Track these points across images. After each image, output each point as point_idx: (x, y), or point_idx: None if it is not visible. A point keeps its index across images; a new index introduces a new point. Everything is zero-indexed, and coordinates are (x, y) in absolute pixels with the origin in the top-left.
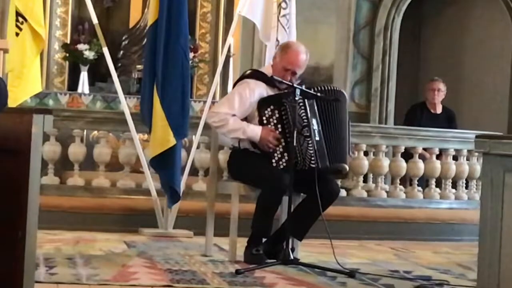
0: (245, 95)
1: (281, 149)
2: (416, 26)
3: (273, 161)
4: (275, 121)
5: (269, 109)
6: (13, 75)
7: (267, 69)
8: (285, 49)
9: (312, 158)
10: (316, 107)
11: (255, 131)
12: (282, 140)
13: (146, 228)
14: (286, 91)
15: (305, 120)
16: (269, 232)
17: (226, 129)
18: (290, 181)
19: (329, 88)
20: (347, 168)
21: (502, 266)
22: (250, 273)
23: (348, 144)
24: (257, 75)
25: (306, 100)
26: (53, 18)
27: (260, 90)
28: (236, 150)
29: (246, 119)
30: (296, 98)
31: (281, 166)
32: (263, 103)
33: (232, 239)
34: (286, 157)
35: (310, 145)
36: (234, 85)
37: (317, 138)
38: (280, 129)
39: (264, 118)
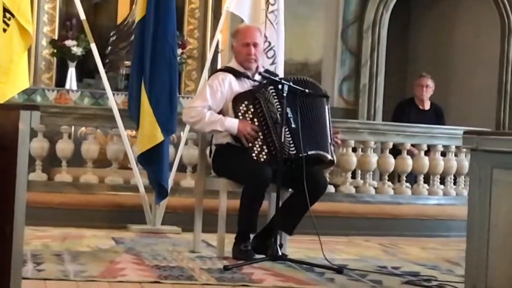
0: (215, 86)
1: (260, 142)
2: (405, 22)
3: (253, 155)
4: (250, 116)
5: (243, 105)
6: (1, 71)
7: (233, 64)
8: (236, 31)
9: (291, 145)
10: (290, 96)
11: (232, 122)
12: (260, 134)
13: (134, 225)
14: (257, 84)
15: (279, 109)
16: (255, 227)
17: (204, 123)
18: (278, 174)
19: (303, 79)
20: (329, 156)
21: (490, 261)
22: (238, 269)
23: (330, 133)
24: (225, 68)
25: (278, 89)
26: (40, 14)
27: (230, 80)
28: (219, 147)
29: (221, 114)
30: (268, 89)
31: (262, 159)
32: (237, 100)
33: (220, 235)
34: (266, 150)
35: (287, 132)
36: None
37: (293, 125)
38: (256, 123)
39: (239, 114)
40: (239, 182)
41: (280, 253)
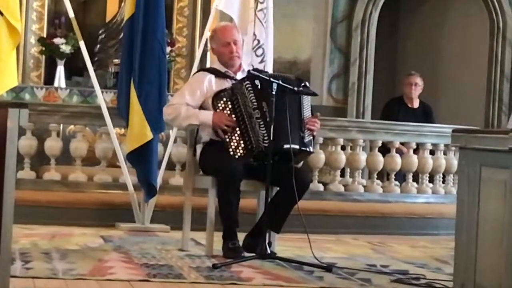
0: (194, 84)
1: (237, 138)
2: (394, 21)
3: (230, 150)
4: (228, 112)
5: (221, 102)
6: None
7: (216, 65)
8: (214, 33)
9: (265, 138)
10: (267, 91)
11: (207, 115)
12: (237, 129)
13: (122, 223)
14: (234, 81)
15: (255, 103)
16: (237, 222)
17: (180, 118)
18: (268, 171)
19: (279, 74)
20: (297, 147)
21: (478, 259)
22: (227, 268)
23: (302, 124)
24: (206, 68)
25: (254, 84)
26: (29, 12)
27: (210, 79)
28: (205, 145)
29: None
30: (245, 84)
31: (239, 154)
32: (216, 97)
33: (209, 234)
34: (243, 145)
35: (262, 125)
36: None
37: (268, 119)
38: (234, 119)
39: (218, 110)
40: (215, 177)
41: (269, 251)
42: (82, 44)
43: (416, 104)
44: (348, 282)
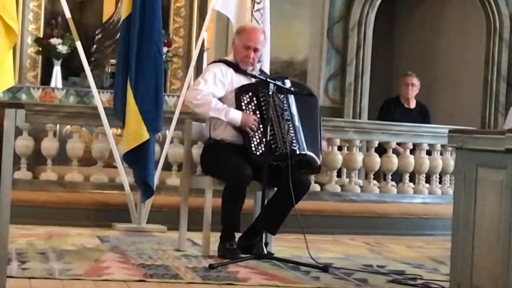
0: (219, 74)
1: (260, 135)
2: (390, 21)
3: (252, 145)
4: (253, 108)
5: (247, 96)
6: None
7: (231, 59)
8: (241, 30)
9: (294, 141)
10: (292, 98)
11: (236, 114)
12: (261, 126)
13: (119, 223)
14: (259, 80)
15: (285, 104)
16: (239, 226)
17: (209, 108)
18: (264, 172)
19: (300, 83)
20: (319, 161)
21: (475, 260)
22: (223, 268)
23: (320, 139)
24: (225, 61)
25: (280, 87)
26: (25, 12)
27: (231, 73)
28: (208, 144)
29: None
30: (271, 85)
31: (260, 151)
32: (240, 90)
33: (206, 234)
34: (264, 143)
35: (291, 128)
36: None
37: (297, 124)
38: (259, 115)
39: (242, 104)
40: (221, 180)
41: (265, 252)
42: (78, 44)
43: (412, 104)
44: (344, 283)
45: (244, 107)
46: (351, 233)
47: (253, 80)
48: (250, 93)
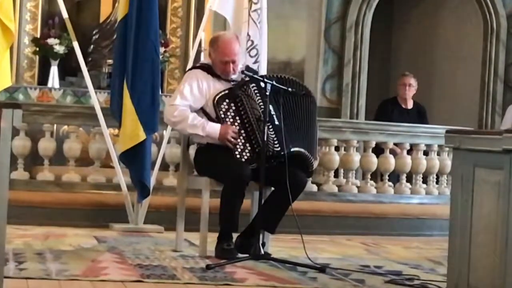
0: (195, 85)
1: (242, 141)
2: (388, 22)
3: (236, 153)
4: (232, 114)
5: (224, 103)
6: None
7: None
8: (215, 43)
9: (275, 142)
10: (273, 94)
11: (214, 128)
12: (243, 131)
13: (116, 223)
14: (233, 82)
15: (262, 106)
16: (237, 226)
17: (186, 124)
18: (261, 172)
19: (286, 77)
20: (311, 157)
21: (472, 260)
22: (220, 268)
23: (316, 133)
24: (202, 66)
25: (260, 86)
26: (23, 12)
27: (208, 79)
28: (201, 146)
29: (205, 112)
30: (250, 86)
31: (245, 157)
32: (218, 99)
33: (203, 234)
34: (249, 148)
35: (270, 129)
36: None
37: (277, 123)
38: (238, 121)
39: (221, 113)
40: (219, 181)
41: (262, 252)
42: (76, 45)
43: (410, 104)
44: (341, 283)
45: (223, 116)
46: (348, 233)
47: (232, 83)
48: (227, 100)
